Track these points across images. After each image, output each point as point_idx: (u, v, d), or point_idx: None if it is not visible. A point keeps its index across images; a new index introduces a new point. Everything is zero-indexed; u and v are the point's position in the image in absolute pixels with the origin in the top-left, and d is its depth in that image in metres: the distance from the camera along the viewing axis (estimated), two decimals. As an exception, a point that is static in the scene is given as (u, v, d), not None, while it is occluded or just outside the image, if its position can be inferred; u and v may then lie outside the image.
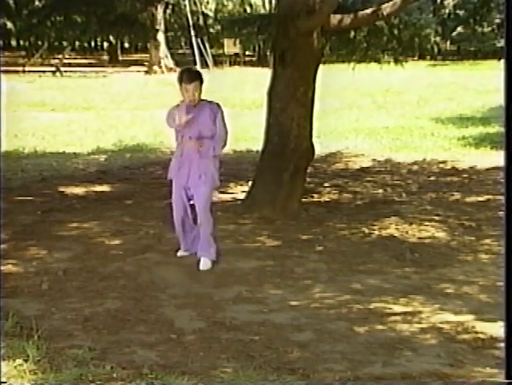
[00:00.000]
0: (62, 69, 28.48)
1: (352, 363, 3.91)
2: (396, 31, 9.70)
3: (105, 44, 42.39)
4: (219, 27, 30.59)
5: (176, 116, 5.27)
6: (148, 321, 4.52)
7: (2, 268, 5.57)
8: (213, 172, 5.56)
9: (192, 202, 5.60)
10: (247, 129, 12.46)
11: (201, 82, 5.39)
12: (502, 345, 4.11)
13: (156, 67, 30.05)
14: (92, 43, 46.56)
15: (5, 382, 3.12)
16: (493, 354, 4.01)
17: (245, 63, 33.55)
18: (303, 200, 7.48)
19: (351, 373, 3.77)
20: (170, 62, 30.97)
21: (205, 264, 5.54)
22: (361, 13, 7.01)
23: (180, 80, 5.34)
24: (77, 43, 33.94)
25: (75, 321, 4.52)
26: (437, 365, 3.89)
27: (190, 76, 5.37)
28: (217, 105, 5.53)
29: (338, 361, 3.95)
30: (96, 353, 4.00)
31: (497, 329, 4.32)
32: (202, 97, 5.46)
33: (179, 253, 5.84)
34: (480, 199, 7.93)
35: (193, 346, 4.14)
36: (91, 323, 4.49)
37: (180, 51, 37.73)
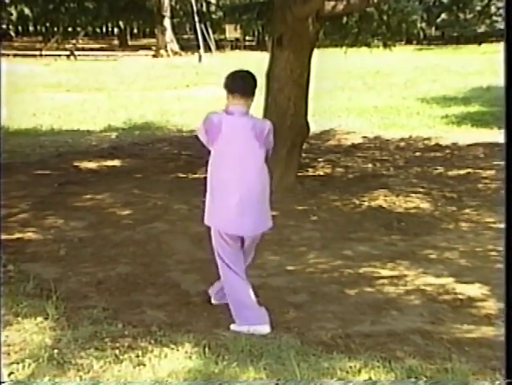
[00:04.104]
0: (76, 53, 28.30)
1: (343, 322, 3.94)
2: (385, 17, 9.62)
3: (115, 30, 42.00)
4: (221, 13, 30.33)
5: None
6: (157, 284, 4.55)
7: (23, 235, 5.60)
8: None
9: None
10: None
11: (254, 93, 3.70)
12: (479, 304, 4.15)
13: (162, 51, 29.87)
14: (104, 29, 46.18)
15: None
16: (470, 313, 4.05)
17: (246, 48, 33.24)
18: (299, 174, 7.47)
19: (342, 331, 3.80)
20: (176, 47, 30.85)
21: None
22: (353, -1, 6.93)
23: (229, 88, 3.64)
24: (89, 29, 33.67)
25: (90, 284, 4.55)
26: (420, 323, 3.92)
27: (245, 87, 3.61)
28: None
29: (330, 320, 3.98)
30: (109, 312, 4.02)
31: (475, 290, 4.37)
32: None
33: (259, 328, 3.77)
34: (461, 172, 7.92)
35: (197, 307, 4.17)
36: (104, 286, 4.52)
37: (185, 36, 37.38)
